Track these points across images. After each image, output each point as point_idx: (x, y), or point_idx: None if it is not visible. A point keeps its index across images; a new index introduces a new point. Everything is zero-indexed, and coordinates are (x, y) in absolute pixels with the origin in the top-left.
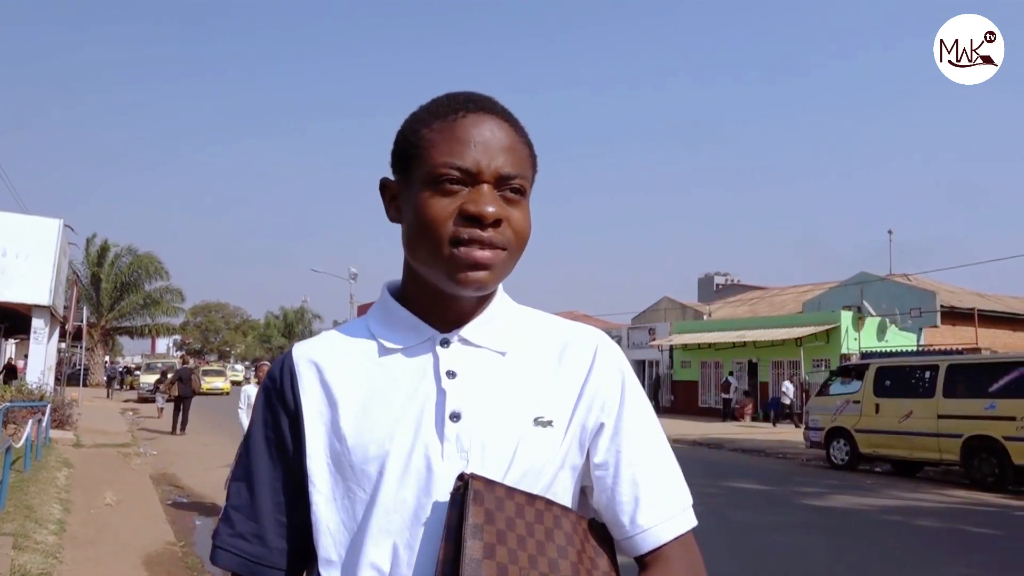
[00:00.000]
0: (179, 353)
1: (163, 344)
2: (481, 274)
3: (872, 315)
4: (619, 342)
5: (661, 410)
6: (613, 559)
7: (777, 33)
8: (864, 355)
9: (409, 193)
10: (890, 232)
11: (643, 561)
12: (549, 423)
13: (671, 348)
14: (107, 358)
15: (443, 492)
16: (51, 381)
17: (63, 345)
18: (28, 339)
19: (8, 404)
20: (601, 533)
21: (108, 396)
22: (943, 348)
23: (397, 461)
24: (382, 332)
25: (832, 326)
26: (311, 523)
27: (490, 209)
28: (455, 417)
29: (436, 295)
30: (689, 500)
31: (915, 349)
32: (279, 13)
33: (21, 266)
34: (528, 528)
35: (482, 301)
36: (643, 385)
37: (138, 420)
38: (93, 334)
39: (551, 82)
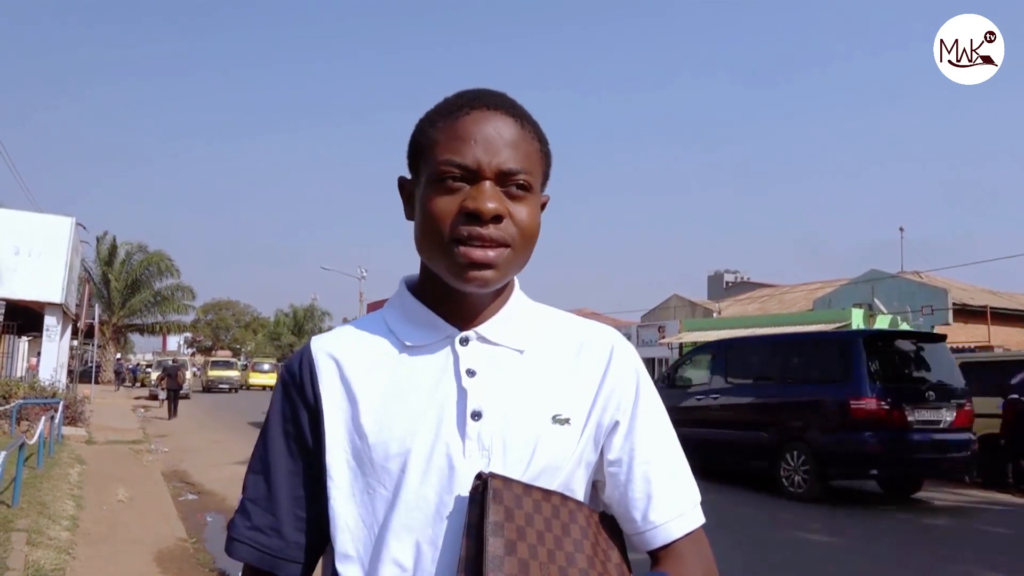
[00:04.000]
0: (190, 351)
1: (174, 341)
2: (485, 273)
3: (883, 313)
4: (629, 340)
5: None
6: (624, 551)
7: (782, 33)
8: None
9: (418, 192)
10: (901, 229)
11: (655, 556)
12: (566, 421)
13: (681, 346)
14: (118, 355)
15: (465, 490)
16: (63, 378)
17: (75, 343)
18: (41, 337)
19: (21, 401)
20: (611, 526)
21: (116, 389)
22: (955, 346)
23: (419, 459)
24: (400, 328)
25: (843, 324)
26: (328, 517)
27: (489, 205)
28: (476, 415)
29: (452, 292)
30: (698, 497)
31: None
32: (291, 9)
33: (34, 264)
34: (546, 523)
35: (499, 298)
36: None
37: (148, 416)
38: (105, 331)
39: (558, 80)
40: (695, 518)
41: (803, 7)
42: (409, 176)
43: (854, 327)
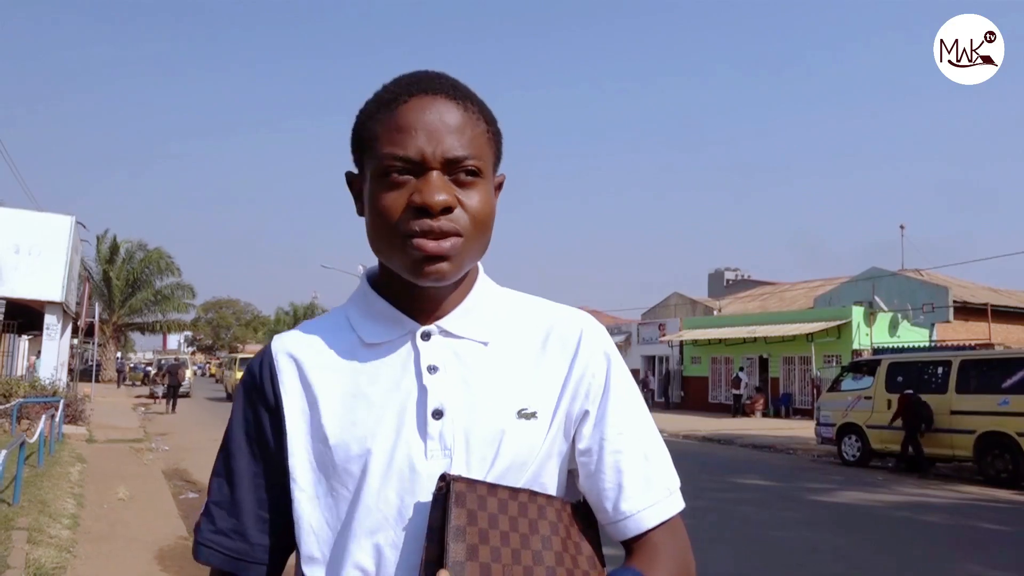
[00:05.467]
0: (190, 349)
1: (174, 340)
2: (440, 265)
3: (884, 310)
4: (629, 338)
5: (671, 406)
6: (597, 541)
7: (783, 32)
8: (876, 351)
9: (365, 188)
10: (902, 227)
11: (629, 546)
12: (533, 415)
13: (681, 344)
14: (119, 354)
15: (427, 491)
16: (64, 377)
17: (75, 341)
18: (41, 335)
19: (22, 400)
20: (586, 515)
21: (118, 386)
22: (956, 344)
23: (379, 460)
24: (362, 325)
25: (843, 322)
26: (293, 519)
27: (438, 198)
28: (437, 414)
29: (411, 285)
30: (676, 483)
31: (927, 345)
32: (290, 8)
33: (34, 263)
34: (511, 523)
35: (462, 288)
36: (653, 381)
37: (148, 413)
38: (105, 330)
39: (556, 79)
40: (670, 506)
41: (803, 7)
42: (356, 171)
43: (855, 325)
